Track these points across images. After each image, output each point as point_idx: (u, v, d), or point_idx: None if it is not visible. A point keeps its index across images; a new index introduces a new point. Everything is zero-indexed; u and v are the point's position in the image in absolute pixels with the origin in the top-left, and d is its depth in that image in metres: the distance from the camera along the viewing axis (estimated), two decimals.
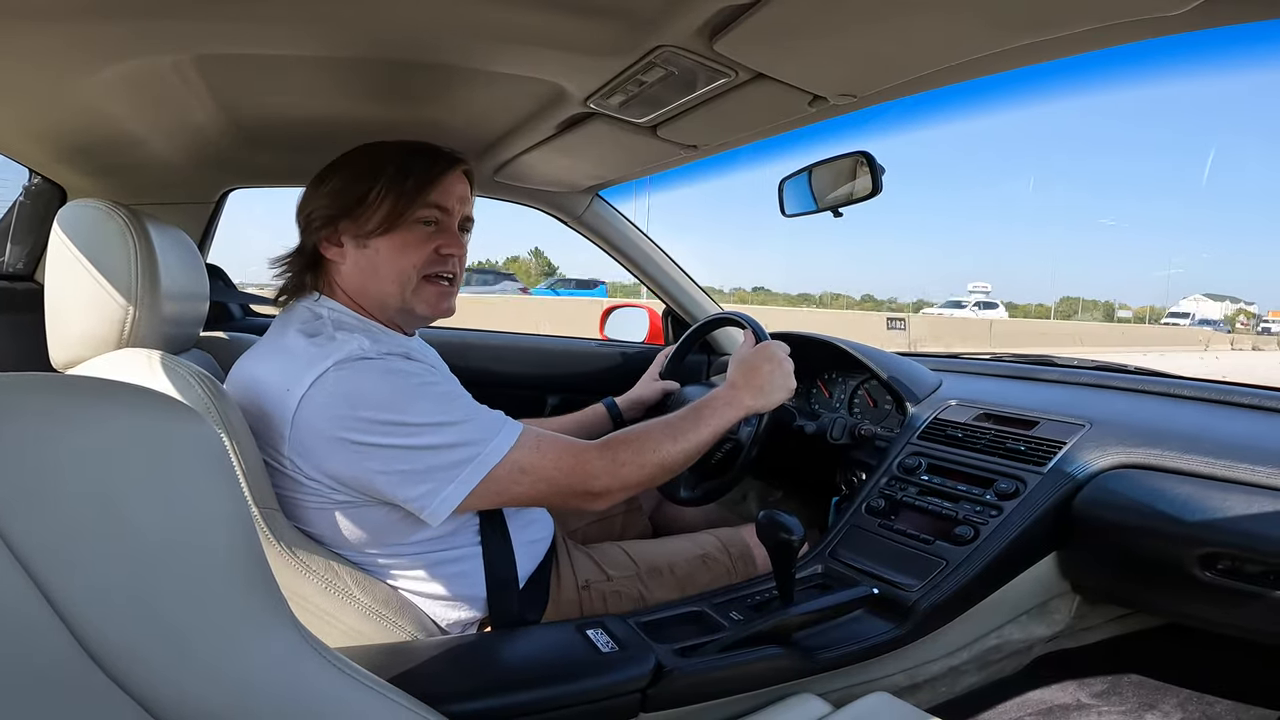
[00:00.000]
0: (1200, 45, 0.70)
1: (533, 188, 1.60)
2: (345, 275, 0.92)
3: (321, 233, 0.90)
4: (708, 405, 0.99)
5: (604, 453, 0.89)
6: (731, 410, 0.99)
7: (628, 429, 0.94)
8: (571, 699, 0.76)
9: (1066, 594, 1.15)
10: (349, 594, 0.80)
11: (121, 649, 0.38)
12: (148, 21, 0.69)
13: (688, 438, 0.94)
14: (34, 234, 1.36)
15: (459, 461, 0.80)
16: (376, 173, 0.89)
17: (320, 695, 0.47)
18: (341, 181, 0.90)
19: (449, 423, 0.80)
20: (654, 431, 0.93)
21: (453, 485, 0.79)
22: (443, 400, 0.82)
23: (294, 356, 0.82)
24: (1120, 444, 1.05)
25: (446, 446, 0.80)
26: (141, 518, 0.40)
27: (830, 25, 0.71)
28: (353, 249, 0.90)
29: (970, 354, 1.69)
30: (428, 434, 0.79)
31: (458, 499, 0.80)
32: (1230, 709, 1.12)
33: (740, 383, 1.03)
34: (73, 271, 0.86)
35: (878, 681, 1.00)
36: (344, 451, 0.78)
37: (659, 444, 0.92)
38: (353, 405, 0.77)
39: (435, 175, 0.91)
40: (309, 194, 0.92)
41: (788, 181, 1.33)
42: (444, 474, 0.79)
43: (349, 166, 0.91)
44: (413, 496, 0.79)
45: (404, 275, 0.91)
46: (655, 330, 2.03)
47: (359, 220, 0.89)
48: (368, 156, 0.92)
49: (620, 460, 0.89)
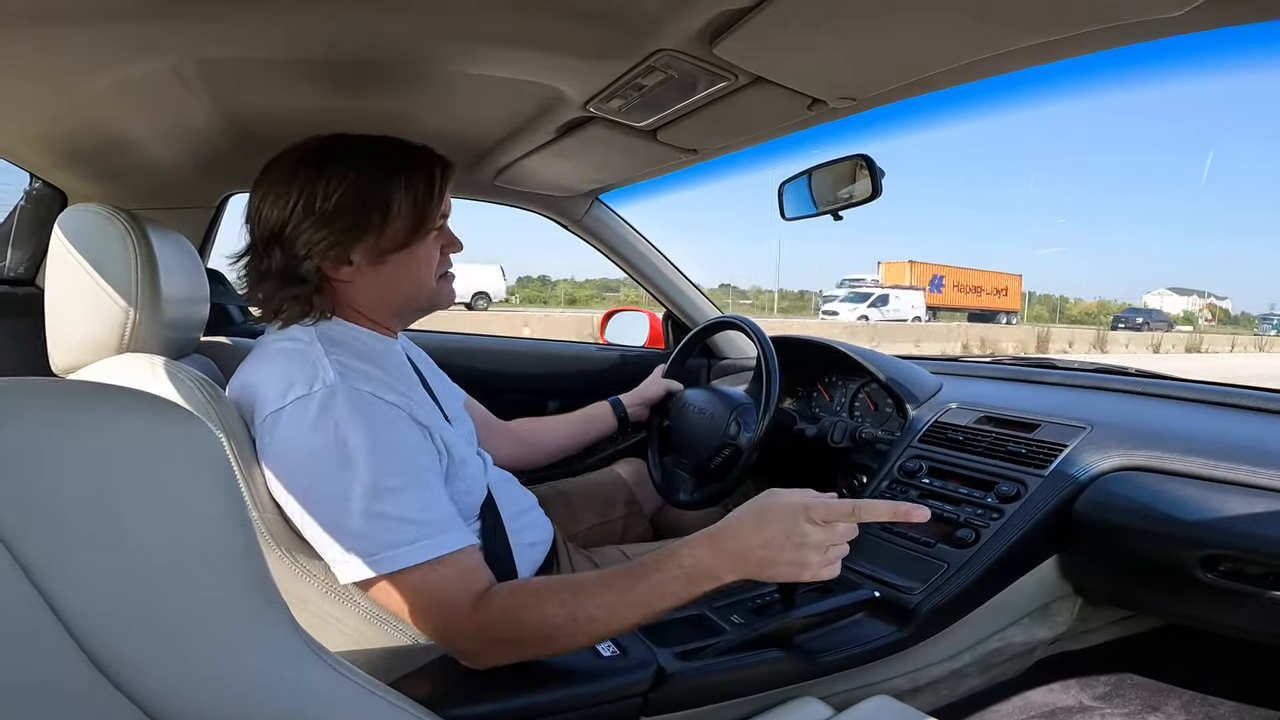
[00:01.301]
0: (1198, 46, 0.70)
1: (533, 192, 1.60)
2: (356, 294, 0.86)
3: (332, 257, 0.82)
4: (657, 567, 0.72)
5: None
6: (688, 588, 0.71)
7: (532, 580, 0.79)
8: (573, 703, 0.76)
9: (1068, 596, 1.15)
10: (349, 598, 0.80)
11: (122, 654, 0.38)
12: (148, 26, 0.69)
13: (600, 605, 0.71)
14: (34, 238, 1.36)
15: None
16: (388, 184, 0.82)
17: (321, 699, 0.47)
18: (347, 197, 0.80)
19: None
20: (556, 590, 0.73)
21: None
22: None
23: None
24: (1121, 446, 1.05)
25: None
26: (142, 522, 0.40)
27: (830, 28, 0.71)
28: (367, 267, 0.84)
29: (971, 357, 1.70)
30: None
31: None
32: (1233, 710, 1.12)
33: (723, 545, 0.72)
34: (73, 276, 0.86)
35: (879, 685, 0.99)
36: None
37: (557, 604, 0.72)
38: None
39: (440, 181, 0.87)
40: (292, 212, 0.80)
41: (787, 185, 1.34)
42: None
43: (343, 178, 0.81)
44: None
45: (425, 282, 0.89)
46: (655, 334, 2.03)
47: (379, 238, 0.83)
48: (363, 164, 0.82)
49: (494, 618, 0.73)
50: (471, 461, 0.90)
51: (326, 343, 0.81)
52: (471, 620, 0.73)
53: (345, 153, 0.83)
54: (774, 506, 0.73)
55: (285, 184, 0.81)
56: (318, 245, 0.81)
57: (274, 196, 0.81)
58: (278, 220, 0.81)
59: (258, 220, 0.83)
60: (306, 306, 0.83)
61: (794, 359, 1.55)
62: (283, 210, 0.80)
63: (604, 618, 0.71)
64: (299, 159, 0.82)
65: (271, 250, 0.82)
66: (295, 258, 0.81)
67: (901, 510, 0.72)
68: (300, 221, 0.80)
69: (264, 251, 0.82)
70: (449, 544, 0.75)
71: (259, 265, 0.83)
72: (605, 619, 0.71)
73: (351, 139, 0.85)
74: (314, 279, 0.82)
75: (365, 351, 0.84)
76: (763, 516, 0.73)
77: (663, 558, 0.73)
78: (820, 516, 0.71)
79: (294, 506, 0.75)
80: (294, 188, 0.81)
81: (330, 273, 0.83)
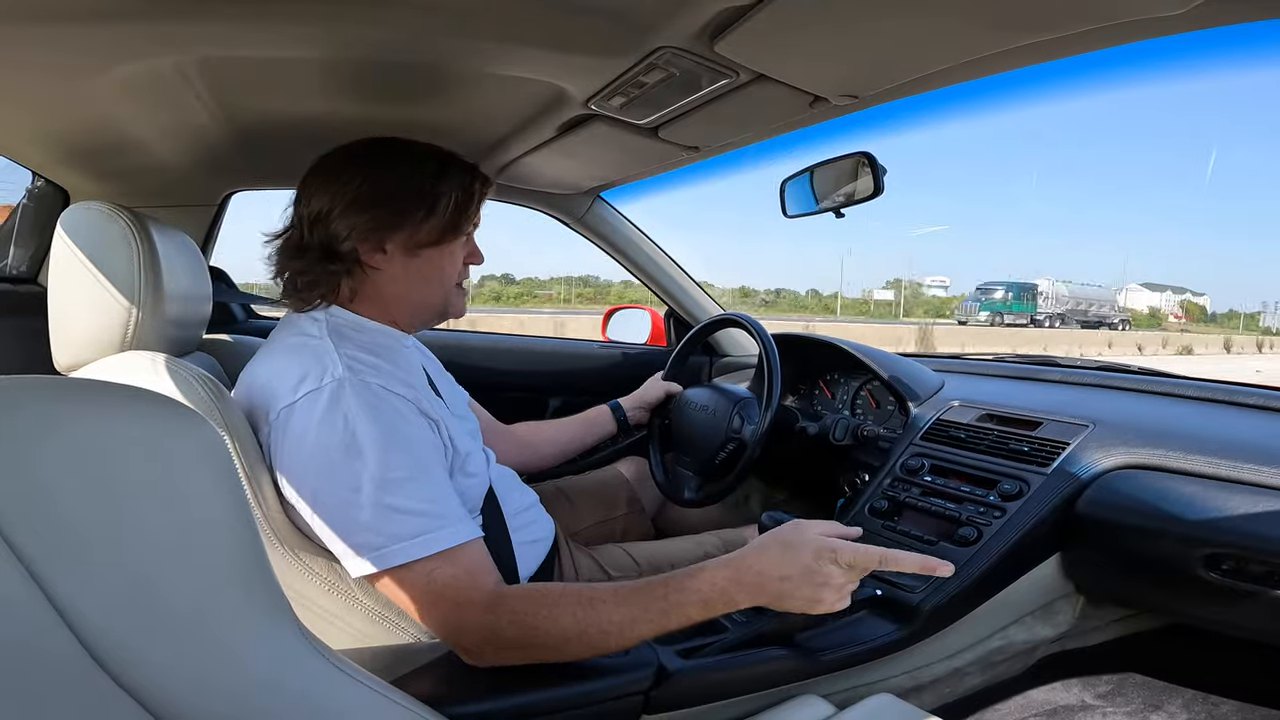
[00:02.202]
0: (1196, 44, 0.70)
1: (534, 189, 1.60)
2: (382, 283, 0.88)
3: (370, 241, 0.85)
4: (677, 589, 0.73)
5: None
6: (703, 611, 0.73)
7: (548, 587, 0.77)
8: (575, 701, 0.76)
9: (1070, 595, 1.15)
10: (352, 596, 0.80)
11: (125, 651, 0.38)
12: (150, 24, 0.69)
13: (613, 621, 0.71)
14: (37, 237, 1.36)
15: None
16: (438, 183, 0.86)
17: (323, 697, 0.47)
18: (397, 188, 0.85)
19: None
20: (570, 599, 0.73)
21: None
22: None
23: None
24: (1124, 444, 1.05)
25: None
26: (144, 520, 0.40)
27: (831, 26, 0.71)
28: (399, 258, 0.87)
29: (973, 355, 1.70)
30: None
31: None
32: (1236, 709, 1.12)
33: (744, 578, 0.73)
34: (76, 274, 0.86)
35: (881, 683, 0.99)
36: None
37: (569, 611, 0.72)
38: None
39: (480, 192, 0.91)
40: (342, 198, 0.84)
41: (789, 182, 1.34)
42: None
43: (394, 171, 0.85)
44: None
45: (448, 284, 0.92)
46: (657, 331, 2.03)
47: (417, 231, 0.86)
48: (415, 163, 0.87)
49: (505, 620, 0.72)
50: (476, 456, 0.91)
51: (336, 337, 0.82)
52: (483, 619, 0.73)
53: (398, 151, 0.88)
54: (801, 544, 0.73)
55: (338, 172, 0.86)
56: (360, 227, 0.84)
57: (325, 183, 0.85)
58: (328, 204, 0.84)
59: (306, 202, 0.86)
60: (334, 287, 0.87)
61: (796, 356, 1.55)
62: (333, 196, 0.84)
63: (615, 632, 0.72)
64: (353, 153, 0.87)
65: (315, 229, 0.85)
66: (336, 238, 0.84)
67: (929, 565, 0.74)
68: (349, 205, 0.84)
69: (308, 231, 0.86)
70: (457, 536, 0.76)
71: (299, 242, 0.86)
72: (616, 634, 0.72)
73: (404, 141, 0.90)
74: (350, 260, 0.86)
75: (376, 346, 0.86)
76: (785, 550, 0.73)
77: (683, 581, 0.74)
78: (846, 561, 0.72)
79: (303, 502, 0.76)
80: (346, 176, 0.85)
81: (365, 257, 0.86)
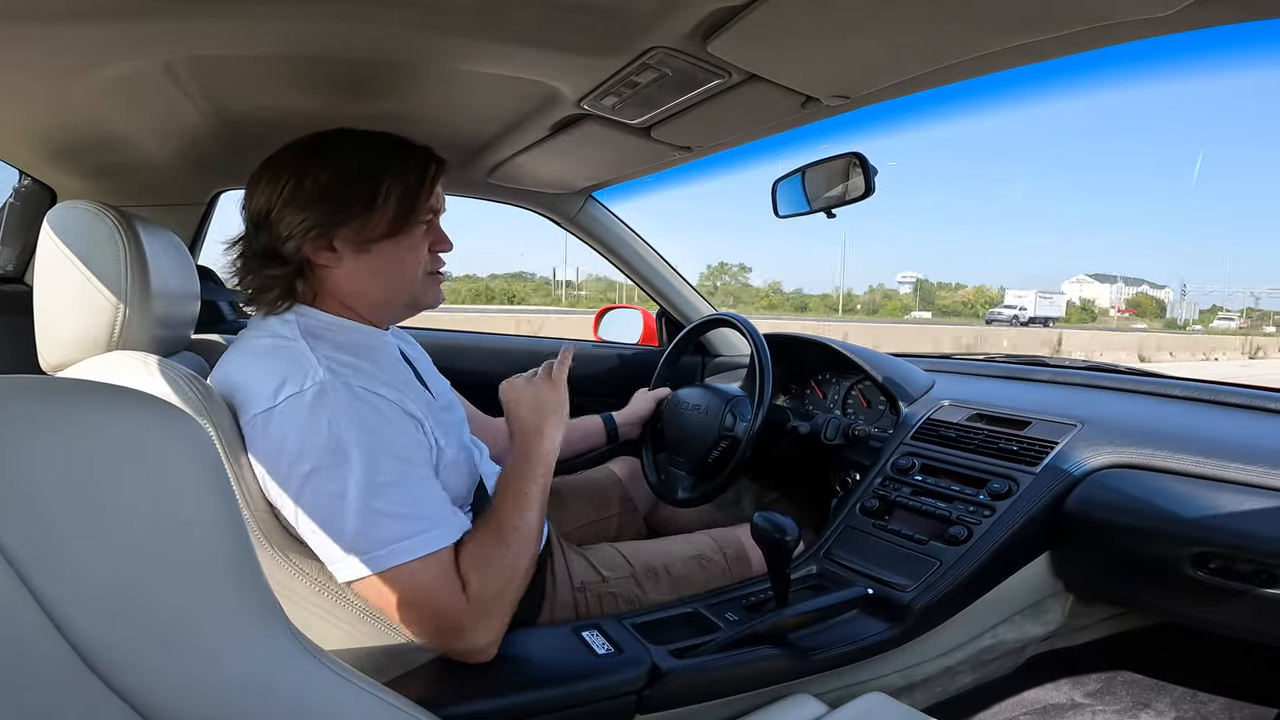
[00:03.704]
0: (1193, 45, 0.71)
1: (526, 189, 1.60)
2: (338, 281, 0.85)
3: (313, 240, 0.82)
4: (533, 478, 0.88)
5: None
6: (544, 470, 0.89)
7: (467, 543, 0.81)
8: (568, 701, 0.76)
9: (1060, 593, 1.15)
10: (344, 595, 0.79)
11: (114, 653, 0.38)
12: (138, 23, 0.68)
13: (521, 496, 0.85)
14: (23, 236, 1.35)
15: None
16: (377, 172, 0.83)
17: (316, 700, 0.46)
18: (333, 182, 0.82)
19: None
20: (490, 525, 0.83)
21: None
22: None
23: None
24: (1112, 444, 1.06)
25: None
26: (132, 521, 0.39)
27: (823, 27, 0.71)
28: (350, 254, 0.84)
29: (963, 355, 1.71)
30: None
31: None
32: (1224, 707, 1.13)
33: (524, 429, 0.92)
34: (62, 273, 0.85)
35: (873, 682, 1.00)
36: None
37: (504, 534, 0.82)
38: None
39: (432, 174, 0.87)
40: (279, 195, 0.82)
41: (781, 183, 1.34)
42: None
43: (332, 164, 0.82)
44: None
45: (411, 276, 0.88)
46: (650, 331, 2.03)
47: (364, 225, 0.82)
48: (354, 153, 0.84)
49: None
50: (464, 451, 0.91)
51: (310, 338, 0.81)
52: (468, 609, 0.76)
53: (340, 142, 0.85)
54: (514, 400, 0.96)
55: (278, 169, 0.83)
56: (299, 226, 0.81)
57: (266, 181, 0.83)
58: (266, 203, 0.82)
59: (249, 203, 0.84)
60: (289, 290, 0.84)
61: (787, 356, 1.56)
62: (271, 194, 0.82)
63: (536, 523, 0.85)
64: (296, 147, 0.85)
65: (259, 232, 0.83)
66: (279, 238, 0.82)
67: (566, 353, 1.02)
68: (287, 203, 0.81)
69: (252, 234, 0.84)
70: (443, 538, 0.76)
71: (247, 247, 0.85)
72: (536, 524, 0.85)
73: (350, 132, 0.86)
74: (295, 260, 0.83)
75: (352, 344, 0.84)
76: (515, 407, 0.95)
77: (533, 465, 0.89)
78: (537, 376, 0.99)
79: (289, 506, 0.75)
80: (285, 172, 0.82)
81: (312, 255, 0.83)
